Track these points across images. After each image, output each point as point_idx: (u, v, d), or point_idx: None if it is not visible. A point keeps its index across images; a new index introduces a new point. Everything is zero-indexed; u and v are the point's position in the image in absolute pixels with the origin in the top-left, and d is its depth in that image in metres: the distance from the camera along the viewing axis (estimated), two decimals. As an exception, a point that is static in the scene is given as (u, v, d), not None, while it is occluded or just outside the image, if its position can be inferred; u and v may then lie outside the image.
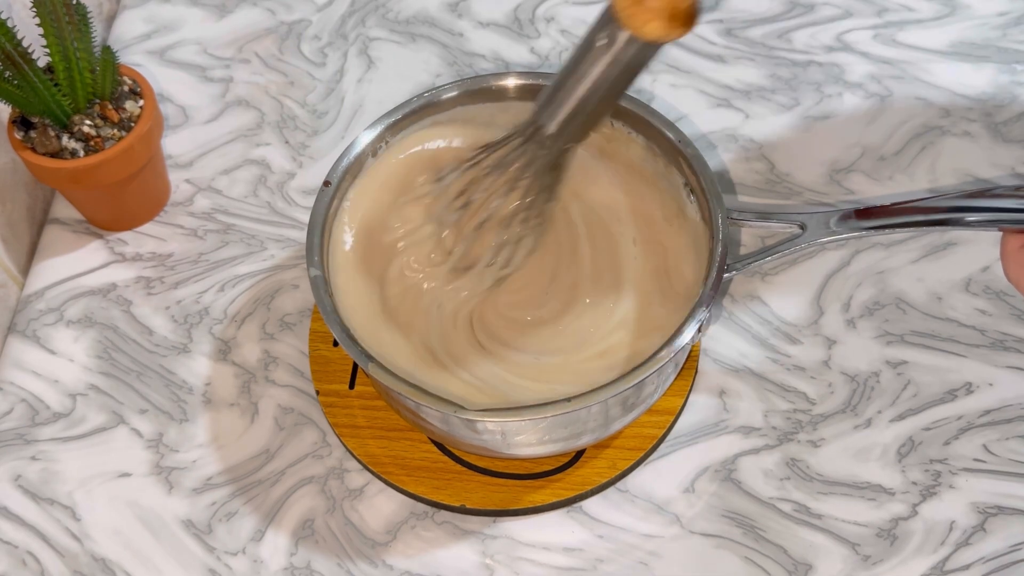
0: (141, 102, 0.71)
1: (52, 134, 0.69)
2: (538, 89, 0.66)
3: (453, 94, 0.66)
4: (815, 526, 0.63)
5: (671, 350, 0.56)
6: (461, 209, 0.63)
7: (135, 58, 0.85)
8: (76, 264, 0.75)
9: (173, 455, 0.67)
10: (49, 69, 0.68)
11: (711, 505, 0.64)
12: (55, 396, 0.69)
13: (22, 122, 0.70)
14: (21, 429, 0.68)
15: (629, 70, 0.55)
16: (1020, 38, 0.83)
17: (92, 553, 0.64)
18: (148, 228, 0.76)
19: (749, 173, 0.77)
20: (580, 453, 0.65)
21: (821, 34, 0.84)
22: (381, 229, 0.66)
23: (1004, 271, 0.55)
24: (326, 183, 0.63)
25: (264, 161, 0.79)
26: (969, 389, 0.67)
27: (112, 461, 0.67)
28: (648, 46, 0.53)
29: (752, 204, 0.75)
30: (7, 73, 0.65)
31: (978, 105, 0.79)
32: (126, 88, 0.72)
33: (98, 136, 0.69)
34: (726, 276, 0.59)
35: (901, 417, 0.66)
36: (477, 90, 0.66)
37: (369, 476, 0.66)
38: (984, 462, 0.65)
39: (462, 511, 0.64)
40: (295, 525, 0.64)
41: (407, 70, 0.84)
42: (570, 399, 0.55)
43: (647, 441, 0.65)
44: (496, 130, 0.68)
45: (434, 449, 0.65)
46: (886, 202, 0.60)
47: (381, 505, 0.65)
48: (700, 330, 0.57)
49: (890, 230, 0.59)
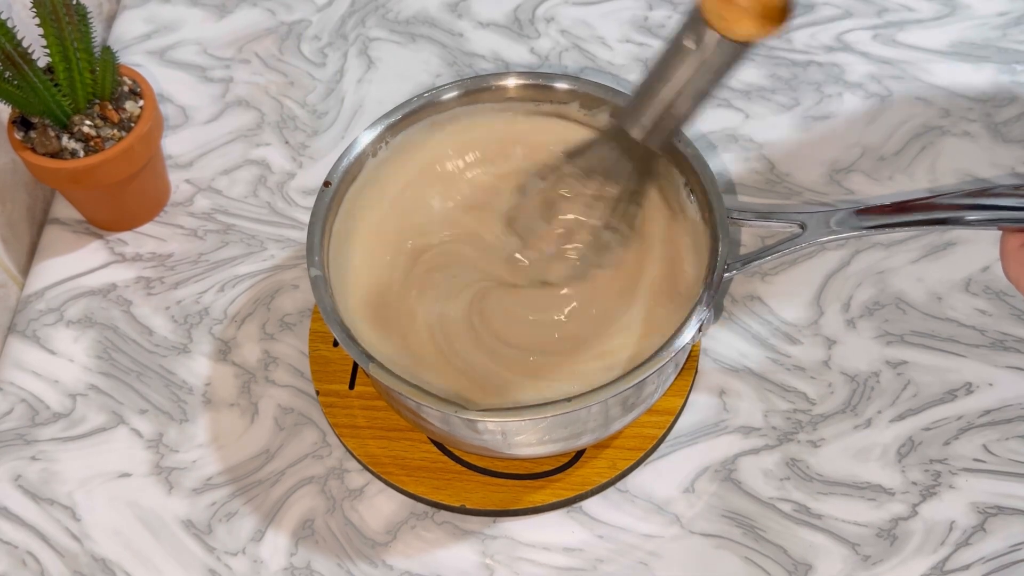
0: (141, 102, 0.71)
1: (52, 134, 0.69)
2: (538, 89, 0.67)
3: (453, 94, 0.66)
4: (815, 526, 0.63)
5: (671, 350, 0.56)
6: (546, 220, 0.62)
7: (135, 58, 0.85)
8: (76, 264, 0.75)
9: (173, 455, 0.67)
10: (49, 69, 0.68)
11: (711, 505, 0.64)
12: (55, 396, 0.69)
13: (22, 122, 0.70)
14: (21, 429, 0.68)
15: (719, 72, 0.53)
16: (1020, 38, 0.83)
17: (92, 553, 0.64)
18: (148, 228, 0.76)
19: (749, 173, 0.77)
20: (580, 453, 0.65)
21: (821, 34, 0.84)
22: (418, 233, 0.65)
23: (1004, 270, 0.55)
24: (326, 183, 0.63)
25: (264, 161, 0.79)
26: (969, 389, 0.67)
27: (112, 461, 0.67)
28: (739, 46, 0.51)
29: (752, 204, 0.75)
30: (7, 73, 0.65)
31: (978, 105, 0.79)
32: (126, 88, 0.72)
33: (98, 136, 0.69)
34: (726, 276, 0.59)
35: (901, 417, 0.66)
36: (477, 90, 0.66)
37: (369, 476, 0.66)
38: (984, 462, 0.65)
39: (462, 511, 0.64)
40: (295, 525, 0.64)
41: (407, 70, 0.84)
42: (570, 399, 0.55)
43: (647, 441, 0.65)
44: (496, 130, 0.68)
45: (434, 449, 0.65)
46: (886, 202, 0.60)
47: (381, 505, 0.65)
48: (700, 330, 0.57)
49: (890, 229, 0.59)
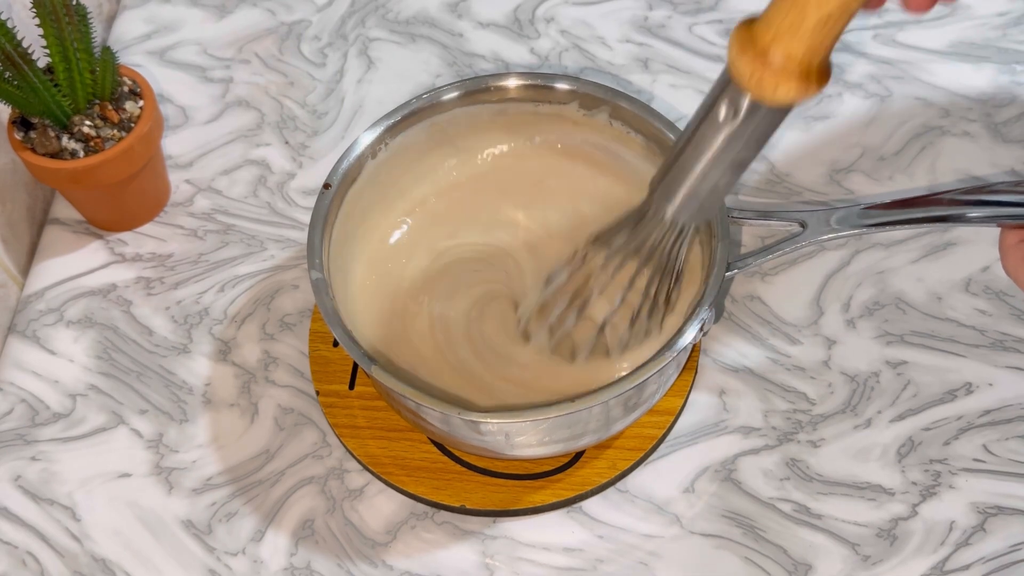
0: (141, 103, 0.71)
1: (52, 135, 0.69)
2: (538, 89, 0.67)
3: (453, 95, 0.66)
4: (815, 526, 0.63)
5: (673, 350, 0.56)
6: (577, 314, 0.59)
7: (135, 58, 0.85)
8: (76, 264, 0.75)
9: (173, 455, 0.67)
10: (49, 70, 0.68)
11: (711, 505, 0.64)
12: (55, 396, 0.69)
13: (22, 122, 0.70)
14: (21, 429, 0.68)
15: (759, 140, 0.49)
16: (1020, 38, 0.83)
17: (92, 553, 0.64)
18: (148, 228, 0.76)
19: (749, 173, 0.77)
20: (580, 453, 0.65)
21: (821, 34, 0.84)
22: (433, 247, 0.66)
23: (1003, 265, 0.55)
24: (326, 185, 0.63)
25: (264, 161, 0.79)
26: (969, 389, 0.67)
27: (112, 461, 0.67)
28: (778, 110, 0.47)
29: (752, 204, 0.75)
30: (7, 73, 0.65)
31: (978, 105, 0.79)
32: (126, 89, 0.72)
33: (98, 137, 0.69)
34: (727, 275, 0.59)
35: (901, 417, 0.66)
36: (477, 91, 0.66)
37: (369, 476, 0.66)
38: (984, 462, 0.65)
39: (462, 511, 0.64)
40: (295, 525, 0.64)
41: (407, 70, 0.84)
42: (572, 399, 0.55)
43: (647, 441, 0.65)
44: (497, 133, 0.68)
45: (434, 449, 0.65)
46: (886, 200, 0.60)
47: (381, 505, 0.65)
48: (702, 330, 0.57)
49: (890, 227, 0.59)
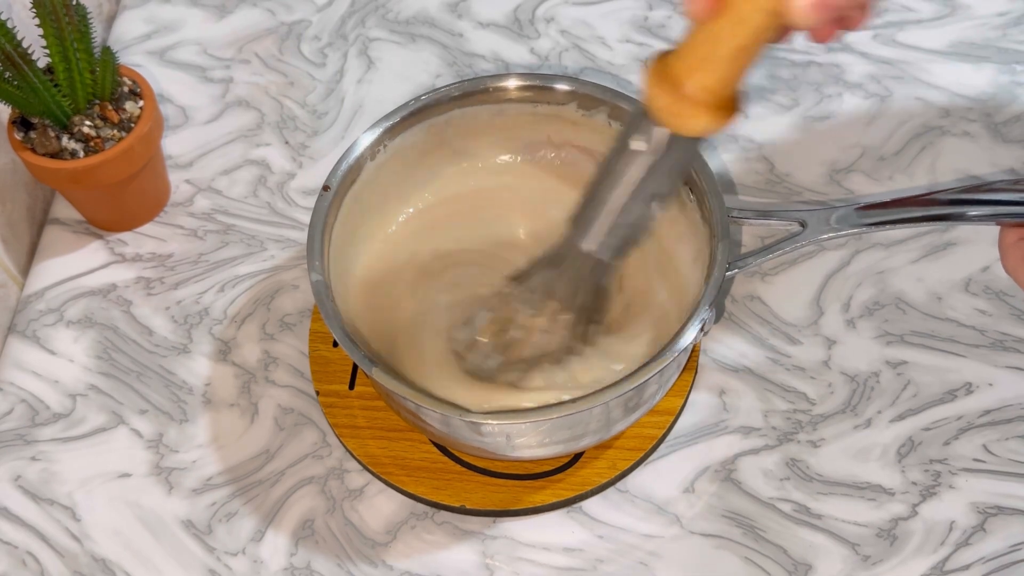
0: (141, 103, 0.71)
1: (52, 135, 0.69)
2: (536, 90, 0.67)
3: (451, 96, 0.66)
4: (815, 526, 0.63)
5: (674, 351, 0.56)
6: (501, 354, 0.57)
7: (135, 59, 0.85)
8: (76, 264, 0.75)
9: (173, 455, 0.67)
10: (49, 70, 0.68)
11: (711, 505, 0.64)
12: (55, 396, 0.69)
13: (22, 123, 0.70)
14: (21, 429, 0.68)
15: (672, 171, 0.49)
16: (1020, 38, 0.83)
17: (92, 553, 0.64)
18: (148, 228, 0.76)
19: (749, 173, 0.77)
20: (580, 454, 0.65)
21: (821, 34, 0.84)
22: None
23: (1002, 264, 0.55)
24: (325, 187, 0.63)
25: (264, 161, 0.79)
26: (969, 389, 0.67)
27: (112, 461, 0.67)
28: (692, 142, 0.48)
29: (752, 204, 0.75)
30: (7, 74, 0.65)
31: (978, 105, 0.79)
32: (126, 89, 0.72)
33: (98, 137, 0.69)
34: (727, 275, 0.59)
35: (901, 417, 0.66)
36: (475, 92, 0.66)
37: (369, 476, 0.66)
38: (984, 462, 0.65)
39: (462, 511, 0.64)
40: (295, 525, 0.64)
41: (407, 70, 0.84)
42: (574, 400, 0.55)
43: (647, 441, 0.65)
44: (497, 135, 0.68)
45: (434, 449, 0.65)
46: (886, 199, 0.60)
47: (381, 505, 0.65)
48: (702, 330, 0.57)
49: (890, 226, 0.59)
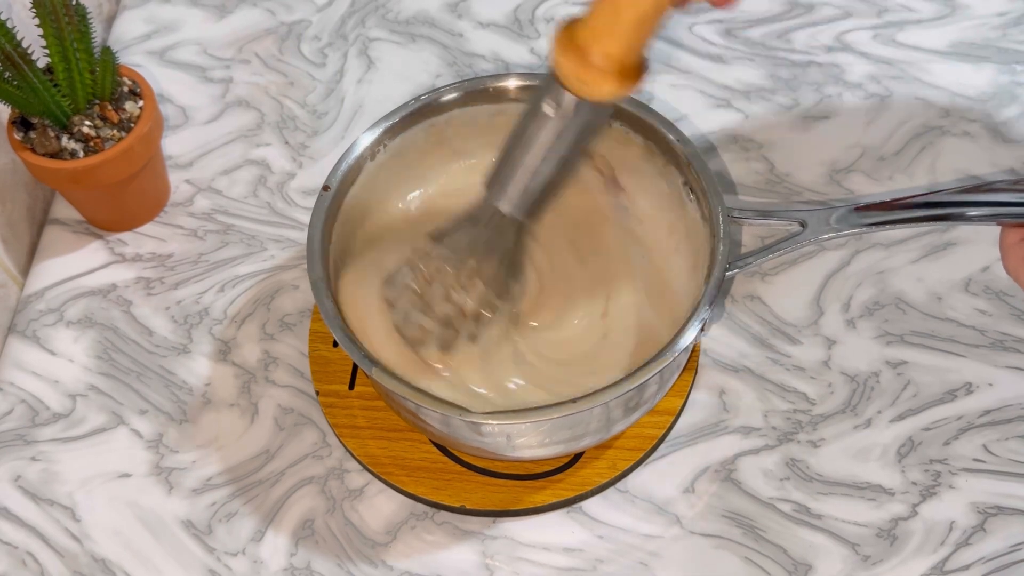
0: (141, 103, 0.71)
1: (52, 135, 0.69)
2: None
3: (450, 96, 0.66)
4: (815, 526, 0.63)
5: (674, 351, 0.56)
6: (422, 311, 0.58)
7: (135, 59, 0.85)
8: (76, 264, 0.75)
9: (173, 455, 0.67)
10: (49, 70, 0.68)
11: (711, 505, 0.64)
12: (55, 396, 0.69)
13: (22, 123, 0.70)
14: (21, 429, 0.68)
15: (580, 134, 0.51)
16: (1020, 38, 0.83)
17: (92, 553, 0.64)
18: (148, 228, 0.76)
19: (749, 173, 0.77)
20: (580, 454, 0.65)
21: (821, 34, 0.84)
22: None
23: (1003, 265, 0.55)
24: (325, 187, 0.63)
25: (264, 161, 0.79)
26: (969, 389, 0.67)
27: (112, 461, 0.67)
28: (600, 107, 0.50)
29: (752, 204, 0.75)
30: (7, 74, 0.65)
31: (978, 105, 0.79)
32: (126, 89, 0.72)
33: (98, 137, 0.69)
34: (727, 275, 0.59)
35: (901, 417, 0.66)
36: (475, 92, 0.66)
37: (369, 476, 0.66)
38: (984, 462, 0.65)
39: (462, 511, 0.64)
40: (295, 525, 0.64)
41: (407, 70, 0.84)
42: (574, 400, 0.55)
43: (647, 441, 0.65)
44: (497, 135, 0.68)
45: (434, 450, 0.65)
46: (886, 199, 0.60)
47: (381, 505, 0.65)
48: (702, 329, 0.57)
49: (890, 226, 0.59)
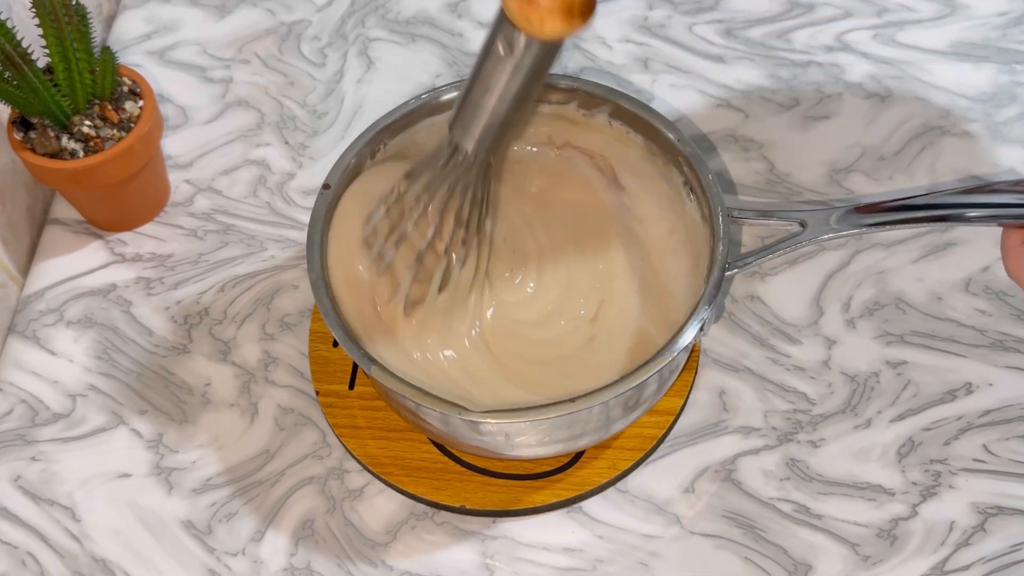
0: (141, 103, 0.71)
1: (52, 135, 0.69)
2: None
3: (452, 96, 0.66)
4: (815, 526, 0.63)
5: (673, 350, 0.56)
6: (396, 246, 0.60)
7: (135, 59, 0.85)
8: (76, 264, 0.75)
9: (173, 456, 0.67)
10: (49, 70, 0.68)
11: (711, 505, 0.64)
12: (55, 397, 0.69)
13: (22, 123, 0.70)
14: (21, 429, 0.68)
15: (534, 73, 0.52)
16: (1020, 38, 0.83)
17: (92, 553, 0.64)
18: (148, 228, 0.76)
19: (749, 173, 0.77)
20: (580, 453, 0.65)
21: (821, 34, 0.84)
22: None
23: (1004, 267, 0.55)
24: (326, 186, 0.63)
25: (264, 161, 0.79)
26: (969, 389, 0.67)
27: (112, 462, 0.67)
28: (549, 45, 0.51)
29: (752, 204, 0.75)
30: (7, 74, 0.65)
31: (978, 105, 0.79)
32: (126, 89, 0.72)
33: (98, 137, 0.69)
34: (727, 274, 0.59)
35: (901, 417, 0.66)
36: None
37: (369, 477, 0.66)
38: (984, 462, 0.65)
39: (462, 511, 0.64)
40: (295, 525, 0.64)
41: (407, 70, 0.84)
42: (573, 399, 0.55)
43: (647, 441, 0.65)
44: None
45: (434, 450, 0.65)
46: (886, 199, 0.60)
47: (381, 505, 0.65)
48: (702, 329, 0.57)
49: (890, 226, 0.59)
